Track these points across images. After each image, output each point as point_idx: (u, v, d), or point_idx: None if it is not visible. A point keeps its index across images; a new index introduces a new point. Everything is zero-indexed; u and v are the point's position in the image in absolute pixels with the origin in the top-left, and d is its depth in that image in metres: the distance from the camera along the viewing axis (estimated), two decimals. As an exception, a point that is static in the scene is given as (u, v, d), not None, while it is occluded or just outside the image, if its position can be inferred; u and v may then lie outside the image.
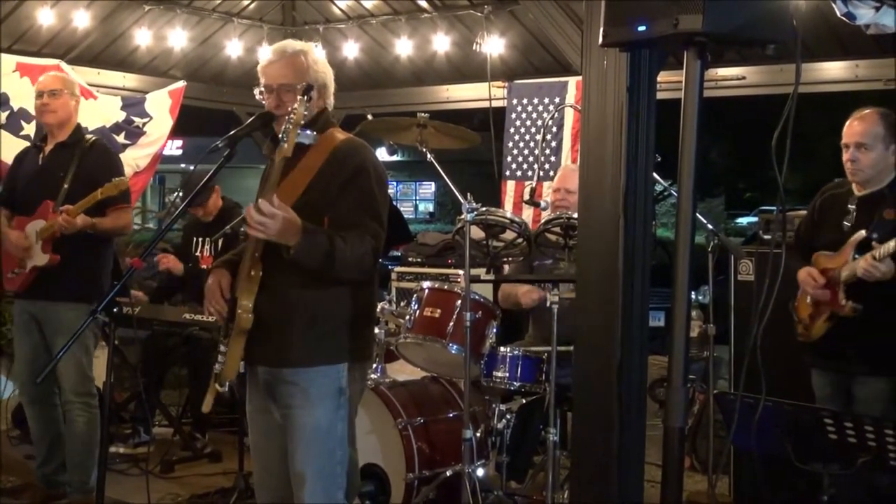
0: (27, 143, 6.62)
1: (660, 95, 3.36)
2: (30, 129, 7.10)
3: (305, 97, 3.30)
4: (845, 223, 4.31)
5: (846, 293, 4.16)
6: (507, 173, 8.04)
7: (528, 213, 7.17)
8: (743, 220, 25.40)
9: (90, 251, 5.07)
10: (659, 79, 3.37)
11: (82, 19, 7.69)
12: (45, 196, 5.08)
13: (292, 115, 3.22)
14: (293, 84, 3.48)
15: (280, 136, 3.24)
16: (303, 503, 3.45)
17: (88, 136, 5.37)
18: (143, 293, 6.39)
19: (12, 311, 6.34)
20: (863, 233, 4.16)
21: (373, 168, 3.49)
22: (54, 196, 5.04)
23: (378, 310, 5.07)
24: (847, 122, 4.34)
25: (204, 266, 6.33)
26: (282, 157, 3.24)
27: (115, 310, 3.55)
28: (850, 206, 4.34)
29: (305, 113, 3.25)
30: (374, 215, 3.43)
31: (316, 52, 3.62)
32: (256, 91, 3.56)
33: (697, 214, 3.31)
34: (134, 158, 7.83)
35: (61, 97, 5.17)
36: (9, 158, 6.80)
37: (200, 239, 6.43)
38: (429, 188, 33.65)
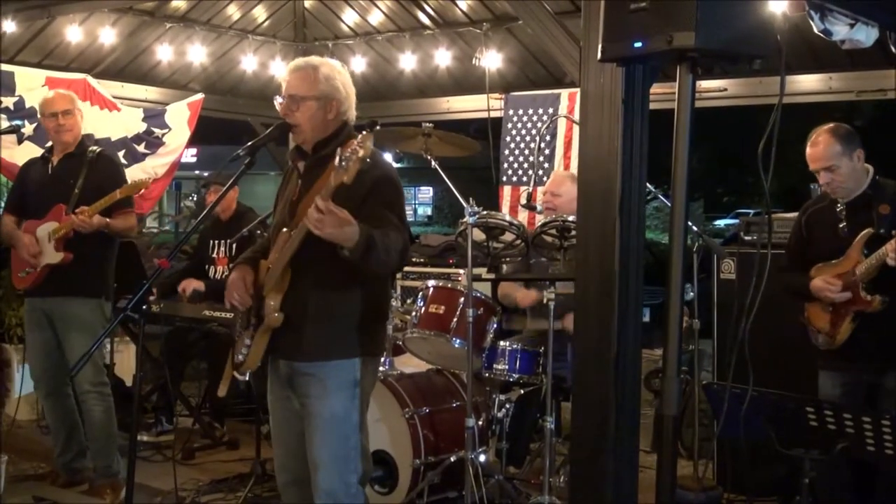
0: (28, 160, 6.60)
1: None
2: (54, 140, 7.10)
3: (371, 132, 3.24)
4: (841, 229, 4.24)
5: (867, 290, 4.08)
6: (504, 179, 8.04)
7: (523, 216, 7.17)
8: (721, 222, 25.47)
9: (98, 249, 5.09)
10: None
11: (108, 36, 7.68)
12: (56, 201, 5.08)
13: (359, 149, 3.08)
14: (300, 95, 3.48)
15: (340, 162, 3.10)
16: (319, 485, 3.46)
17: (93, 148, 5.36)
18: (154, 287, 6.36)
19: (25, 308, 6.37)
20: (870, 230, 4.10)
21: (392, 178, 3.51)
22: (66, 201, 5.04)
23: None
24: (808, 146, 4.28)
25: (220, 267, 6.33)
26: (338, 182, 3.12)
27: (143, 307, 3.52)
28: (839, 213, 4.27)
29: (373, 148, 3.15)
30: (400, 216, 3.44)
31: (330, 68, 3.56)
32: (276, 100, 3.57)
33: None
34: (153, 167, 7.83)
35: (73, 115, 5.17)
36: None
37: (216, 241, 6.41)
38: (427, 193, 33.71)
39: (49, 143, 7.03)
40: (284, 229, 3.45)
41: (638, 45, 2.71)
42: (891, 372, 4.16)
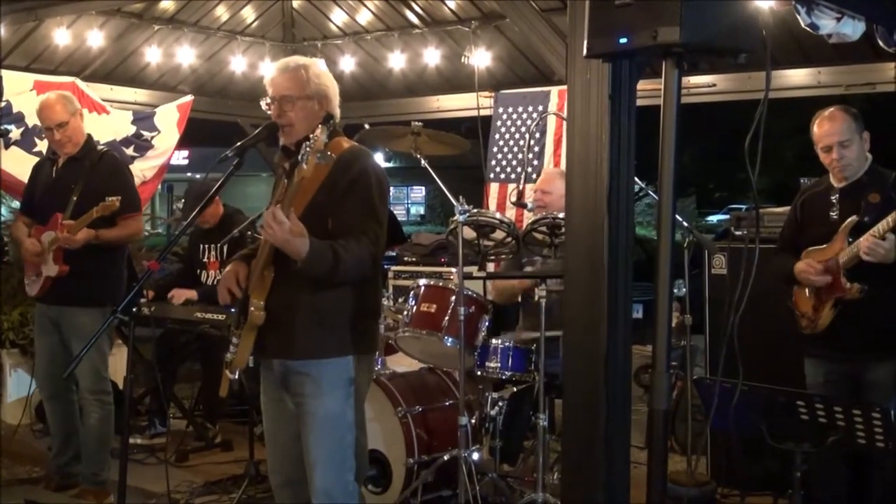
0: (38, 160, 6.60)
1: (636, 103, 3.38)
2: (42, 145, 7.01)
3: (327, 126, 3.30)
4: (832, 215, 4.25)
5: (848, 277, 4.09)
6: (492, 176, 8.04)
7: (510, 213, 7.17)
8: (713, 218, 25.47)
9: (101, 259, 5.06)
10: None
11: (96, 39, 7.67)
12: (56, 208, 5.06)
13: (313, 142, 3.19)
14: (294, 95, 3.50)
15: (300, 157, 3.21)
16: (315, 485, 3.47)
17: (100, 148, 5.32)
18: (150, 291, 6.36)
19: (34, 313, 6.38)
20: (855, 217, 4.10)
21: (374, 174, 3.51)
22: (64, 208, 5.02)
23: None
24: (816, 125, 4.26)
25: (212, 271, 6.34)
26: (301, 177, 3.22)
27: (133, 310, 3.53)
28: (832, 199, 4.28)
29: (326, 140, 3.24)
30: (375, 218, 3.45)
31: (319, 67, 3.62)
32: (263, 102, 3.57)
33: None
34: (141, 170, 7.81)
35: (70, 124, 5.10)
36: (20, 174, 6.81)
37: (206, 246, 6.40)
38: (419, 192, 33.65)
39: (37, 148, 7.07)
40: None
41: (623, 40, 2.72)
42: (873, 364, 4.17)
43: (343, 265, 3.29)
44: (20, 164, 6.85)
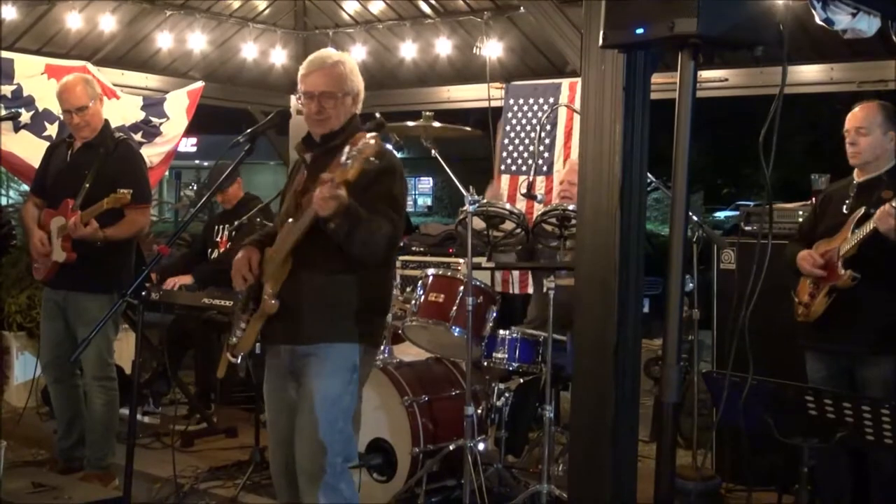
0: (48, 144, 6.59)
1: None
2: (52, 129, 7.01)
3: (378, 135, 3.30)
4: (843, 208, 4.30)
5: (844, 266, 4.13)
6: (503, 168, 8.02)
7: (520, 205, 7.15)
8: (720, 214, 25.44)
9: (109, 246, 5.03)
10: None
11: (108, 23, 7.65)
12: (68, 193, 5.05)
13: (363, 148, 3.18)
14: (333, 92, 3.51)
15: (344, 160, 3.20)
16: (301, 465, 3.50)
17: (118, 135, 5.30)
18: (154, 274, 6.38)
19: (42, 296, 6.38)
20: (862, 209, 4.15)
21: (395, 172, 3.53)
22: (75, 194, 5.01)
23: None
24: (850, 113, 4.35)
25: (222, 249, 6.39)
26: (343, 179, 3.20)
27: (142, 294, 3.53)
28: (849, 193, 4.33)
29: (378, 149, 3.23)
30: (395, 208, 3.47)
31: (352, 62, 3.63)
32: (294, 98, 3.58)
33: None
34: (148, 156, 7.76)
35: (89, 109, 5.09)
36: (29, 158, 6.80)
37: (220, 226, 6.49)
38: (427, 184, 33.67)
39: (46, 132, 7.05)
40: (290, 220, 3.47)
41: (640, 31, 2.71)
42: (867, 359, 4.19)
43: (370, 233, 3.31)
44: (30, 148, 6.84)
